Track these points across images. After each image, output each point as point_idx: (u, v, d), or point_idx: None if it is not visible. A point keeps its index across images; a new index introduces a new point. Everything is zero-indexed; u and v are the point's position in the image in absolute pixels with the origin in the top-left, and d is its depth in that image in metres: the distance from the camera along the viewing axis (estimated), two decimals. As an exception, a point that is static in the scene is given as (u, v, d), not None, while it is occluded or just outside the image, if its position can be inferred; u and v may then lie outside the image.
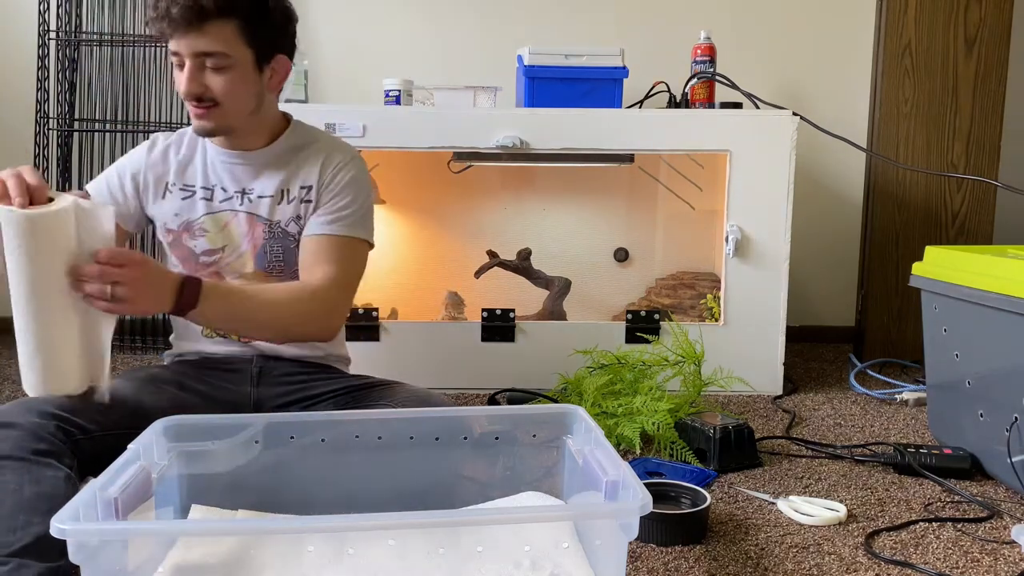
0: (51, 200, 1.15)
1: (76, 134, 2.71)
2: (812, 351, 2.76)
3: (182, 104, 2.71)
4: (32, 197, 1.13)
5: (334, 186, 1.48)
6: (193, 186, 1.49)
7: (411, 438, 1.27)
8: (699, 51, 2.40)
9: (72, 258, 1.15)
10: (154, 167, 1.50)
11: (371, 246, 1.51)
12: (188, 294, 1.24)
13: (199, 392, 1.44)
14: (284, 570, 1.09)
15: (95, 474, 1.05)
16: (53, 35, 2.70)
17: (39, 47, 2.70)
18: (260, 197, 1.47)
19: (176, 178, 1.49)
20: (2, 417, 1.17)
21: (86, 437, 1.23)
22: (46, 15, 2.69)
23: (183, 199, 1.48)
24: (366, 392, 1.47)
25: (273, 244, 1.47)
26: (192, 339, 1.51)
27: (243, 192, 1.48)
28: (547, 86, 2.24)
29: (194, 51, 1.34)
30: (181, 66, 1.37)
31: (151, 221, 1.53)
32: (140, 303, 1.20)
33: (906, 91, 2.61)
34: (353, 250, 1.47)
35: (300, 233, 1.47)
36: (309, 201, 1.47)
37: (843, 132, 2.41)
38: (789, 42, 2.79)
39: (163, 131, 1.52)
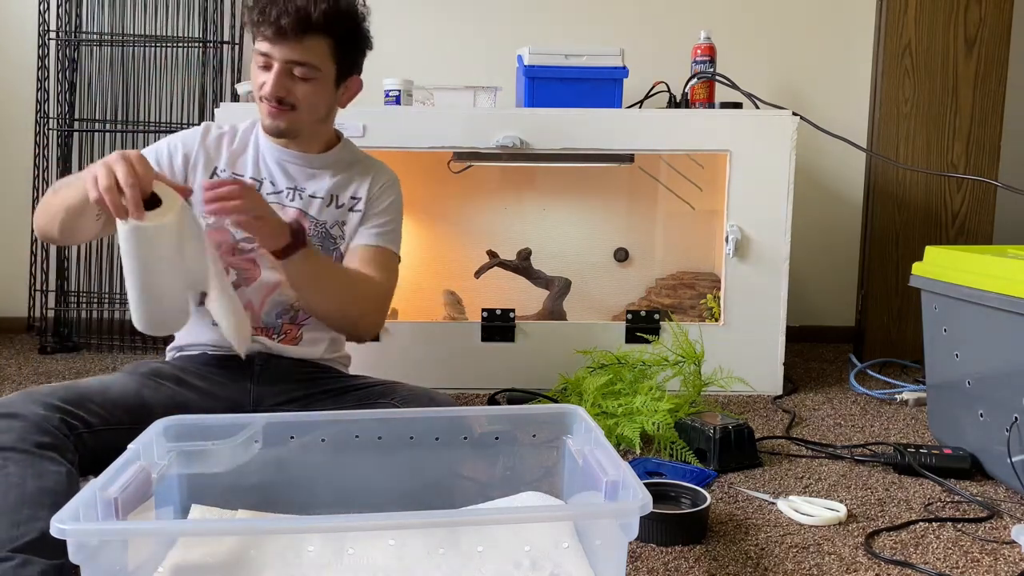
0: (155, 196, 1.23)
1: (76, 134, 2.71)
2: (812, 351, 2.76)
3: (182, 104, 2.72)
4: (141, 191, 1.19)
5: (380, 203, 1.59)
6: (242, 175, 1.55)
7: (411, 438, 1.27)
8: (699, 51, 2.40)
9: (177, 254, 1.27)
10: (206, 150, 1.56)
11: (399, 259, 1.64)
12: (300, 234, 1.37)
13: (199, 388, 1.44)
14: (284, 570, 1.09)
15: (95, 472, 1.05)
16: (53, 35, 2.70)
17: (39, 47, 2.70)
18: (312, 197, 1.56)
19: (226, 165, 1.56)
20: (7, 407, 1.17)
21: (88, 431, 1.24)
22: (46, 15, 2.69)
23: None
24: (366, 391, 1.48)
25: (315, 241, 1.53)
26: (196, 332, 1.51)
27: (295, 189, 1.55)
28: (547, 86, 2.24)
29: (289, 58, 1.42)
30: (267, 67, 1.44)
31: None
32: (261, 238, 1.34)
33: (906, 91, 2.61)
34: (393, 262, 1.60)
35: (342, 237, 1.56)
36: (357, 211, 1.58)
37: (843, 132, 2.41)
38: (789, 42, 2.79)
39: (183, 128, 1.59)
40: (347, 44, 1.48)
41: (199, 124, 1.59)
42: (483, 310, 2.25)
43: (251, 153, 1.57)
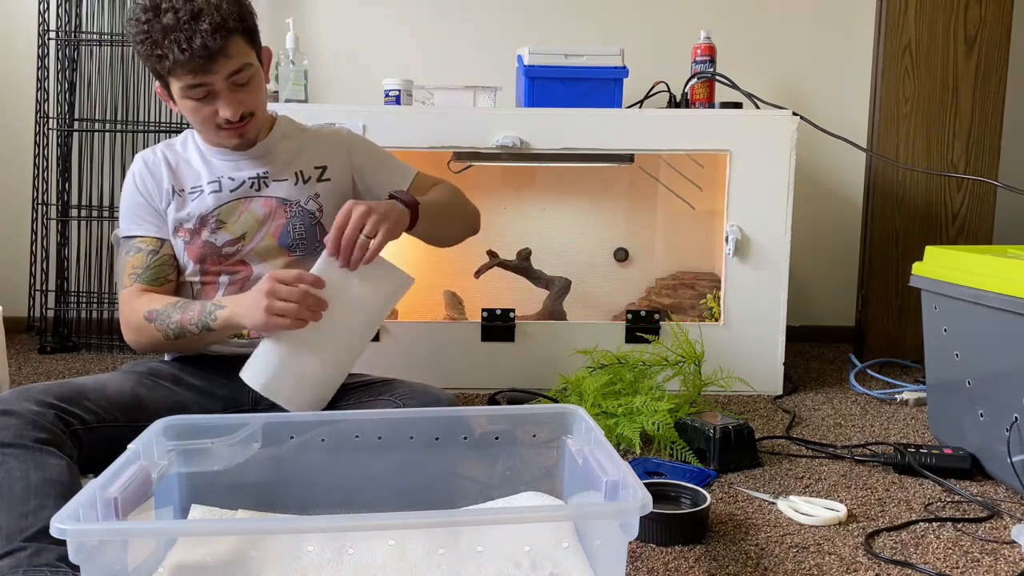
0: None
1: (76, 134, 2.71)
2: (812, 351, 2.76)
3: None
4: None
5: (364, 157, 1.62)
6: (199, 186, 1.52)
7: (411, 438, 1.27)
8: (699, 51, 2.40)
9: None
10: (159, 178, 1.52)
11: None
12: (412, 206, 1.43)
13: (197, 388, 1.44)
14: (284, 570, 1.09)
15: (92, 470, 1.05)
16: (53, 35, 2.70)
17: (39, 47, 2.70)
18: (276, 180, 1.53)
19: (178, 184, 1.52)
20: (1, 405, 1.17)
21: (84, 427, 1.24)
22: (46, 15, 2.69)
23: (193, 200, 1.51)
24: (364, 389, 1.48)
25: (295, 222, 1.52)
26: None
27: (258, 178, 1.52)
28: (547, 86, 2.24)
29: (227, 73, 1.38)
30: (209, 95, 1.40)
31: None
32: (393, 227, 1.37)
33: (906, 91, 2.61)
34: (430, 177, 1.66)
35: (320, 210, 1.54)
36: (327, 179, 1.56)
37: (843, 132, 2.41)
38: (789, 42, 2.79)
39: (182, 128, 1.61)
40: (250, 25, 1.44)
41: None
42: (483, 310, 2.25)
43: (196, 161, 1.54)
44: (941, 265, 1.74)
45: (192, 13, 1.33)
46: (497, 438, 1.29)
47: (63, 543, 1.02)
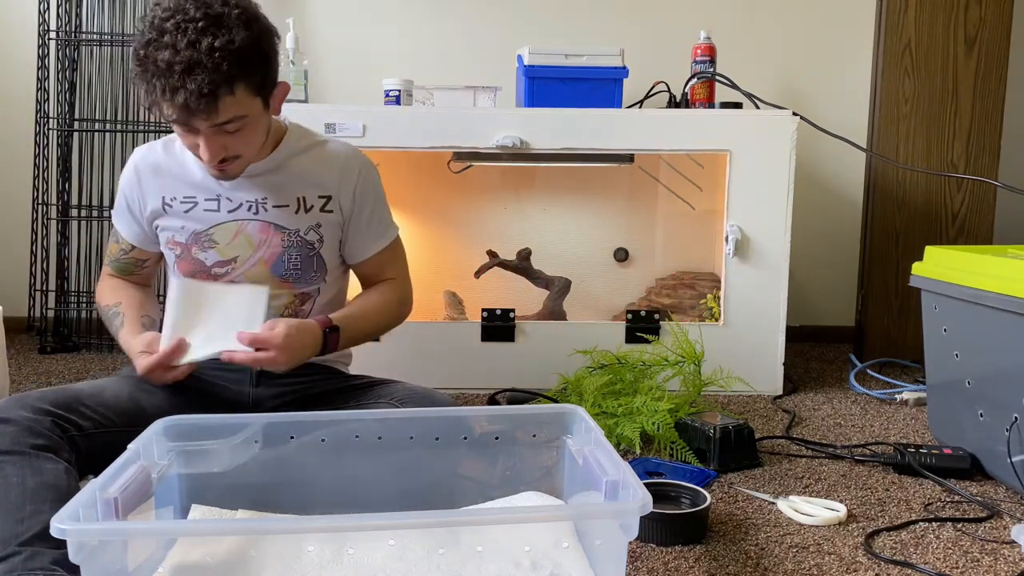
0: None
1: (76, 134, 2.71)
2: (812, 351, 2.76)
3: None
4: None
5: (361, 201, 1.53)
6: (194, 197, 1.46)
7: (411, 438, 1.27)
8: (699, 51, 2.40)
9: None
10: (146, 188, 1.48)
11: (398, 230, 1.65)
12: (331, 340, 1.42)
13: (196, 391, 1.44)
14: (284, 570, 1.09)
15: (93, 473, 1.05)
16: (53, 35, 2.70)
17: (39, 47, 2.70)
18: (277, 207, 1.45)
19: (175, 191, 1.46)
20: None
21: (81, 434, 1.24)
22: (46, 15, 2.69)
23: (186, 211, 1.46)
24: (365, 391, 1.48)
25: (291, 252, 1.46)
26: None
27: (256, 202, 1.45)
28: (547, 86, 2.24)
29: (214, 124, 1.29)
30: (191, 131, 1.32)
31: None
32: (297, 361, 1.37)
33: (906, 91, 2.61)
34: (400, 246, 1.63)
35: (320, 241, 1.48)
36: (330, 211, 1.49)
37: (843, 132, 2.41)
38: (789, 42, 2.79)
39: (141, 145, 1.55)
40: (262, 73, 1.32)
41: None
42: (483, 310, 2.25)
43: (195, 170, 1.45)
44: (941, 265, 1.74)
45: (187, 65, 1.22)
46: (497, 438, 1.29)
47: (59, 546, 1.03)
